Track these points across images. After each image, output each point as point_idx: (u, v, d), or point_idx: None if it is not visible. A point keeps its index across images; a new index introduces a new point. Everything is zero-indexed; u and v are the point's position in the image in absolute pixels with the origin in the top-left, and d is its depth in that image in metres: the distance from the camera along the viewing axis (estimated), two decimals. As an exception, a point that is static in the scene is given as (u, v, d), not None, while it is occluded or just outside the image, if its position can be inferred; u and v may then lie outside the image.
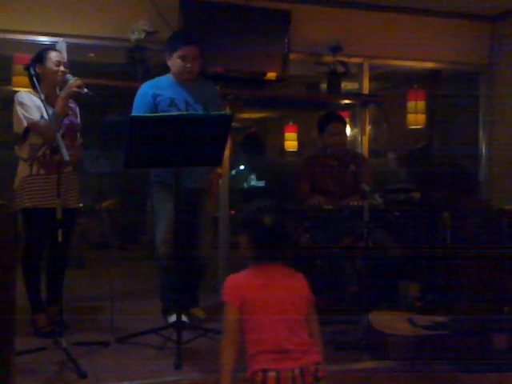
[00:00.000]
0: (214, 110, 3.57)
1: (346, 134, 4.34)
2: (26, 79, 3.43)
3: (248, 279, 2.02)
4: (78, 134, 3.56)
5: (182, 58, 3.55)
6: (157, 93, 3.57)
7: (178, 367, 2.88)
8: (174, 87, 3.62)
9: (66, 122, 3.38)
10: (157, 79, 3.70)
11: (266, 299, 1.99)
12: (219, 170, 3.81)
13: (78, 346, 3.06)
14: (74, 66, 4.14)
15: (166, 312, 3.66)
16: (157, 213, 3.70)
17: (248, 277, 2.03)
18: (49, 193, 3.26)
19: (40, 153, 3.35)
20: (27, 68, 3.27)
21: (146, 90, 3.61)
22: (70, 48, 4.33)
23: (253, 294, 1.98)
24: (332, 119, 4.27)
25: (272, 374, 1.90)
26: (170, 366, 2.90)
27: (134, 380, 2.75)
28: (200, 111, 3.56)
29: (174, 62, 3.58)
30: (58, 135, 2.98)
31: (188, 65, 3.56)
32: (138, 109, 3.57)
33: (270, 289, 2.01)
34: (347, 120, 4.80)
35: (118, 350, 3.18)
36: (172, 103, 3.56)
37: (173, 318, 3.34)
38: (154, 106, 3.55)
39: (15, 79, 4.32)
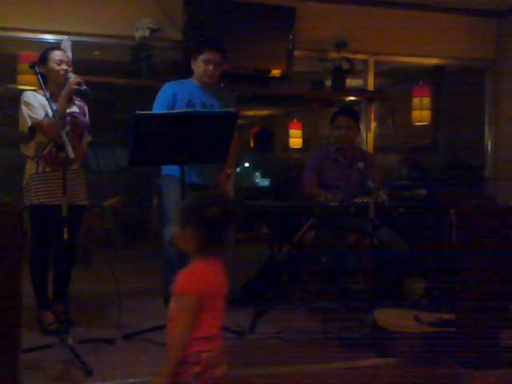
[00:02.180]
0: None
1: (354, 129, 4.21)
2: (31, 77, 3.46)
3: (202, 270, 2.03)
4: (86, 132, 3.57)
5: (206, 61, 3.67)
6: (177, 92, 3.69)
7: (183, 364, 2.89)
8: (194, 89, 3.74)
9: (67, 119, 3.39)
10: (180, 80, 3.82)
11: (215, 288, 2.05)
12: (228, 171, 3.88)
13: (84, 344, 3.07)
14: (78, 64, 4.16)
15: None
16: (167, 205, 3.75)
17: (201, 267, 2.04)
18: (55, 190, 3.27)
19: (46, 151, 3.36)
20: (32, 67, 3.28)
21: (167, 89, 3.73)
22: (75, 46, 4.34)
23: (208, 284, 2.02)
24: (340, 113, 4.24)
25: (205, 354, 1.98)
26: (175, 363, 2.90)
27: (140, 377, 2.76)
28: None
29: (198, 64, 3.70)
30: (63, 133, 3.00)
31: (210, 68, 3.67)
32: (158, 106, 3.68)
33: (216, 278, 2.06)
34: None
35: (123, 347, 3.18)
36: (190, 104, 3.66)
37: None
38: (173, 105, 3.65)
39: (20, 77, 4.33)
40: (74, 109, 3.46)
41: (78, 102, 3.51)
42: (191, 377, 1.97)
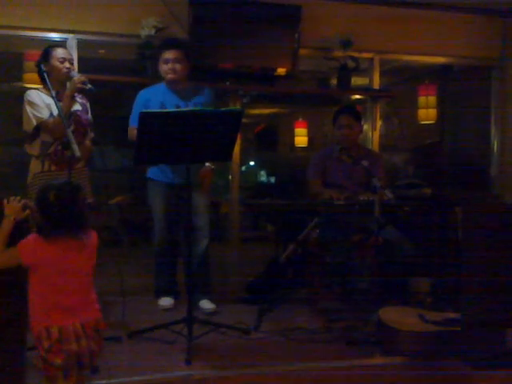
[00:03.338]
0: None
1: (356, 128, 4.21)
2: (37, 76, 3.44)
3: (44, 245, 2.22)
4: (89, 130, 3.58)
5: (165, 61, 3.80)
6: (149, 98, 3.82)
7: (188, 362, 2.90)
8: (166, 92, 3.85)
9: (71, 118, 3.39)
10: (152, 86, 3.94)
11: (57, 262, 2.22)
12: (212, 165, 3.94)
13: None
14: (84, 63, 4.16)
15: (158, 294, 3.99)
16: (151, 208, 3.97)
17: (44, 243, 2.22)
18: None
19: (51, 149, 3.36)
20: (38, 65, 3.28)
21: (140, 96, 3.89)
22: (81, 44, 4.35)
23: (47, 257, 2.21)
24: (342, 112, 4.24)
25: (54, 329, 2.16)
26: (180, 361, 2.91)
27: (146, 375, 2.77)
28: None
29: (161, 66, 3.84)
30: (69, 131, 3.00)
31: (170, 66, 3.78)
32: (133, 115, 3.83)
33: (62, 253, 2.23)
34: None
35: (129, 345, 3.20)
36: (162, 107, 3.75)
37: (162, 302, 3.90)
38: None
39: (26, 76, 4.34)
40: (77, 107, 3.46)
41: (79, 99, 3.50)
42: (43, 351, 2.17)
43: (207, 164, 3.87)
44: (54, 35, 4.32)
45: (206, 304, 3.82)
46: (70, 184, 2.40)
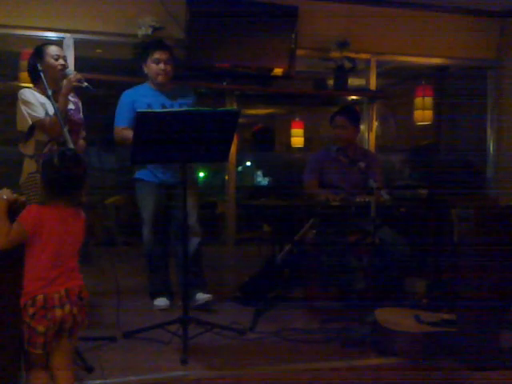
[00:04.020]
0: None
1: (350, 129, 4.22)
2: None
3: (45, 212, 2.29)
4: (81, 129, 3.56)
5: (156, 61, 3.85)
6: (135, 99, 3.84)
7: (184, 362, 2.90)
8: (151, 93, 3.90)
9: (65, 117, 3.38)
10: (136, 87, 3.97)
11: (56, 228, 2.29)
12: None
13: (84, 341, 3.07)
14: (80, 62, 4.15)
15: (153, 295, 3.99)
16: (140, 208, 3.98)
17: (45, 210, 2.30)
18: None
19: (46, 149, 3.34)
20: (33, 64, 3.26)
21: (125, 98, 3.90)
22: (77, 44, 4.34)
23: (47, 223, 2.27)
24: (338, 113, 4.26)
25: (40, 297, 2.24)
26: (176, 361, 2.91)
27: (141, 375, 2.76)
28: None
29: (150, 66, 3.87)
30: (65, 130, 2.99)
31: (162, 66, 3.82)
32: (119, 115, 3.86)
33: (61, 219, 2.32)
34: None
35: (124, 345, 3.19)
36: (149, 108, 3.76)
37: (158, 302, 3.91)
38: (133, 112, 3.58)
39: (22, 75, 4.32)
40: (70, 106, 3.42)
41: (71, 98, 3.45)
42: (28, 318, 2.24)
43: None
44: (51, 34, 4.31)
45: (200, 295, 3.83)
46: (73, 150, 2.53)
